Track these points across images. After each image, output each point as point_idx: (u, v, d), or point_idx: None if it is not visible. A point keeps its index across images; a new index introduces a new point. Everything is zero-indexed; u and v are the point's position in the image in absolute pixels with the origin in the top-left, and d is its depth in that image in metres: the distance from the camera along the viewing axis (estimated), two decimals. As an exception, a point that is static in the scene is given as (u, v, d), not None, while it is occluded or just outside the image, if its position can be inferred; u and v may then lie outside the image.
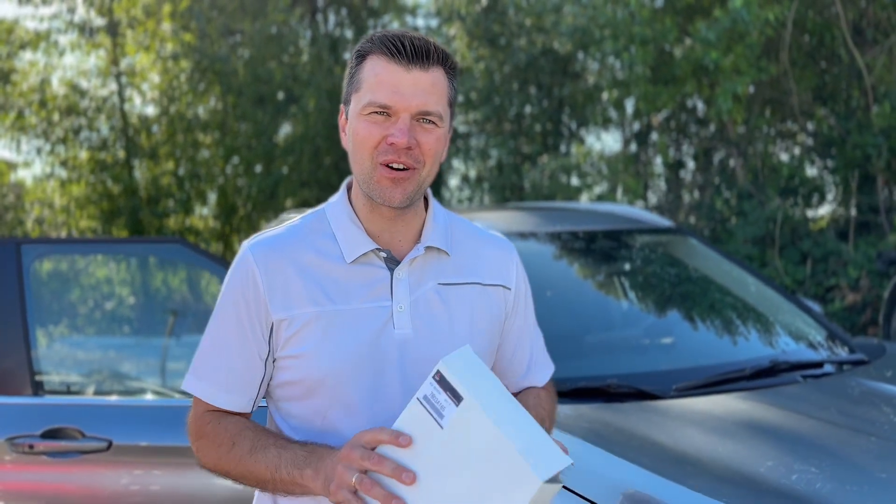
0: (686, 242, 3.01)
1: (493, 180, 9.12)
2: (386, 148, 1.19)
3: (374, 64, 1.21)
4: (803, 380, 2.21)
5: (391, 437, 1.08)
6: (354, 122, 1.22)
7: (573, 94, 8.39)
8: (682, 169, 8.52)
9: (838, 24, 6.30)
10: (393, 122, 1.19)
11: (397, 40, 1.20)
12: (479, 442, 1.04)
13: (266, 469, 1.18)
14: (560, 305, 2.63)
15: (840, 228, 6.99)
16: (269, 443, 1.20)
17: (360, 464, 1.08)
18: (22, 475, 2.22)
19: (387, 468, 1.07)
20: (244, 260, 1.26)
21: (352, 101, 1.24)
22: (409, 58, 1.19)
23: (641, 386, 2.05)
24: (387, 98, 1.19)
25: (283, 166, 9.91)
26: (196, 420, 1.28)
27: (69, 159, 9.69)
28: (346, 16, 12.28)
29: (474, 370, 1.08)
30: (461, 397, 1.04)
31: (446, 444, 1.05)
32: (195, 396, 1.28)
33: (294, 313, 1.22)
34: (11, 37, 9.54)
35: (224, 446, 1.22)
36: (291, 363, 1.23)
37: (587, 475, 1.68)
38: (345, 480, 1.09)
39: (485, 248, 1.34)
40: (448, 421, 1.05)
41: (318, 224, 1.29)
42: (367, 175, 1.22)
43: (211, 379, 1.26)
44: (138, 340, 3.41)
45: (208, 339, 1.28)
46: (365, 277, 1.24)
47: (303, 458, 1.15)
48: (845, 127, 6.53)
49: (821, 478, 1.65)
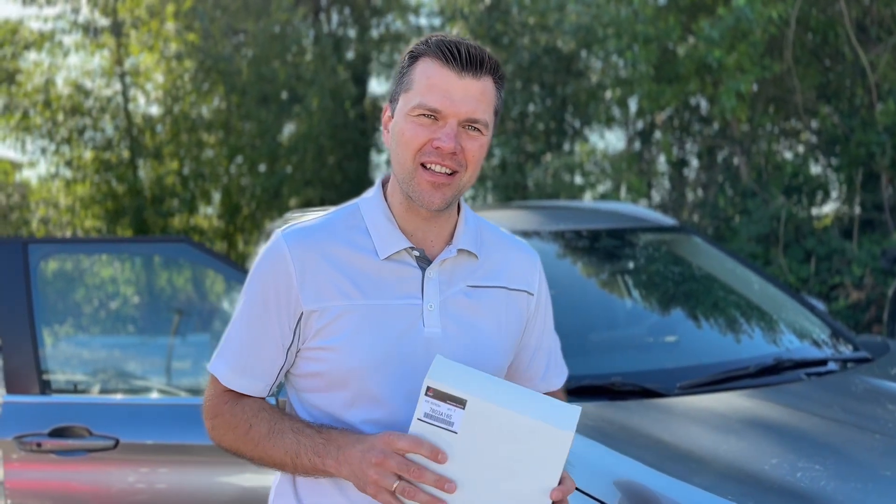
0: (690, 241, 3.01)
1: (496, 179, 9.13)
2: (430, 150, 1.21)
3: (427, 66, 1.22)
4: (807, 378, 2.21)
5: (431, 453, 1.11)
6: (401, 121, 1.24)
7: (576, 92, 8.39)
8: (686, 167, 8.51)
9: (842, 21, 6.29)
10: (440, 126, 1.21)
11: (453, 46, 1.21)
12: (498, 430, 1.10)
13: (285, 454, 1.20)
14: (564, 304, 2.62)
15: (844, 226, 6.98)
16: (285, 427, 1.22)
17: (399, 472, 1.11)
18: (30, 473, 2.24)
19: (429, 479, 1.11)
20: (277, 248, 1.26)
21: (400, 101, 1.25)
22: (462, 64, 1.21)
23: (646, 384, 2.06)
24: (437, 102, 1.20)
25: (287, 165, 9.93)
26: (213, 398, 1.29)
27: (74, 159, 9.71)
28: (349, 15, 12.28)
29: (458, 372, 1.13)
30: (464, 400, 1.09)
31: (466, 445, 1.10)
32: (214, 376, 1.30)
33: (326, 305, 1.23)
34: (16, 37, 9.56)
35: (240, 428, 1.24)
36: (320, 355, 1.25)
37: (592, 472, 1.69)
38: (383, 485, 1.12)
39: (511, 253, 1.38)
40: (460, 426, 1.09)
41: (351, 218, 1.30)
42: (407, 175, 1.23)
43: (231, 361, 1.28)
44: (144, 339, 3.42)
45: (234, 323, 1.30)
46: (397, 274, 1.26)
47: (322, 446, 1.18)
48: (849, 125, 6.52)
49: (825, 475, 1.66)
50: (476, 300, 1.29)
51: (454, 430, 1.09)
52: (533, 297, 1.38)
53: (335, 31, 11.96)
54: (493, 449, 1.11)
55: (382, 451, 1.12)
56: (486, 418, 1.09)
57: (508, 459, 1.11)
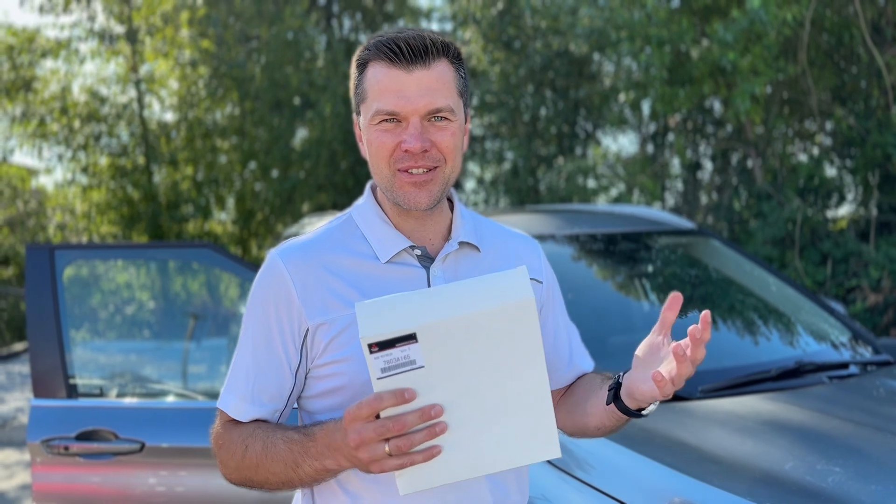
0: (708, 244, 3.01)
1: (508, 183, 9.14)
2: (402, 155, 1.18)
3: (376, 71, 1.19)
4: (829, 381, 2.21)
5: (396, 399, 1.02)
6: (367, 132, 1.21)
7: (589, 95, 8.39)
8: (700, 170, 8.49)
9: (857, 23, 6.26)
10: (404, 127, 1.18)
11: (393, 43, 1.17)
12: (462, 338, 1.02)
13: (284, 466, 1.14)
14: (584, 307, 2.64)
15: (861, 229, 6.94)
16: (277, 438, 1.16)
17: (381, 436, 1.03)
18: (57, 476, 2.27)
19: (412, 420, 1.03)
20: (274, 268, 1.22)
21: (361, 112, 1.23)
22: (408, 59, 1.16)
23: (667, 387, 2.05)
24: (392, 104, 1.16)
25: (300, 171, 9.98)
26: (218, 432, 1.25)
27: (90, 165, 9.81)
28: (361, 20, 12.35)
29: (387, 309, 1.03)
30: (412, 333, 1.01)
31: (438, 371, 1.03)
32: (220, 410, 1.25)
33: (332, 316, 1.19)
34: (33, 45, 9.67)
35: (238, 452, 1.19)
36: (335, 369, 1.19)
37: (616, 475, 1.69)
38: (377, 455, 1.04)
39: (512, 242, 1.34)
40: (423, 358, 1.01)
41: (346, 228, 1.27)
42: (388, 183, 1.21)
43: (238, 392, 1.23)
44: (161, 344, 3.45)
45: (237, 353, 1.25)
46: (401, 276, 1.23)
47: (313, 448, 1.11)
48: (865, 126, 6.49)
49: (849, 478, 1.65)
50: None
51: (419, 364, 1.01)
52: (542, 284, 1.34)
53: (347, 37, 12.02)
54: (467, 359, 1.03)
55: (354, 430, 1.04)
56: (444, 335, 1.01)
57: (487, 361, 1.03)
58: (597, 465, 1.75)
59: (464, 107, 1.23)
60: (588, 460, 1.76)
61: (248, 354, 1.23)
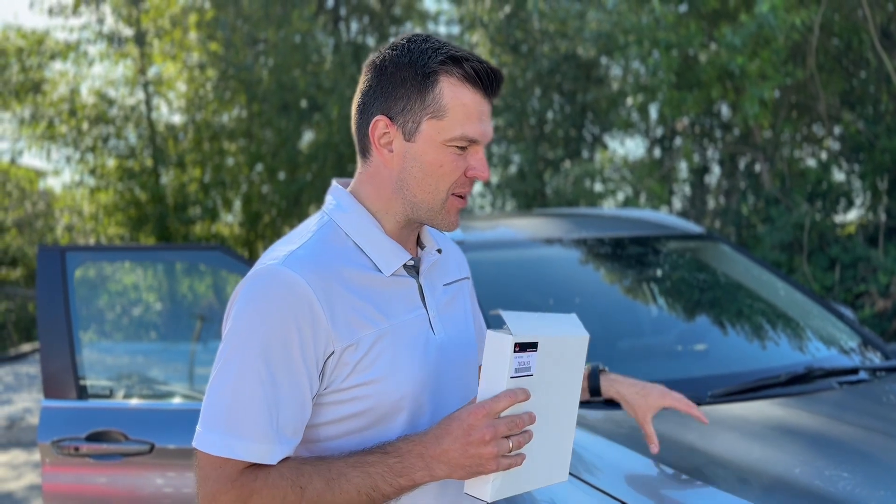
0: (717, 248, 3.00)
1: (515, 186, 9.14)
2: (464, 181, 1.17)
3: (457, 90, 1.13)
4: (839, 386, 2.20)
5: (525, 395, 1.08)
6: (432, 151, 1.15)
7: (596, 99, 8.39)
8: (707, 174, 8.48)
9: (866, 27, 6.24)
10: (471, 153, 1.16)
11: (479, 67, 1.14)
12: (555, 358, 1.16)
13: (359, 494, 1.08)
14: (592, 311, 2.64)
15: (869, 234, 6.91)
16: (342, 468, 1.08)
17: (509, 432, 1.07)
18: (67, 477, 2.28)
19: (526, 420, 1.09)
20: (288, 283, 1.08)
21: (426, 126, 1.14)
22: (491, 88, 1.16)
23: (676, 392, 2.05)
24: (479, 133, 1.15)
25: (307, 173, 10.00)
26: (232, 485, 1.07)
27: (98, 167, 9.85)
28: (368, 23, 12.38)
29: (520, 319, 1.14)
30: (535, 343, 1.12)
31: (539, 383, 1.14)
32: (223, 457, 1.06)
33: (359, 336, 1.12)
34: (42, 47, 9.72)
35: (290, 497, 1.07)
36: (360, 392, 1.13)
37: (624, 479, 1.69)
38: (503, 449, 1.07)
39: (448, 244, 1.38)
40: (534, 368, 1.13)
41: (336, 237, 1.19)
42: (438, 204, 1.17)
43: (258, 435, 1.07)
44: (169, 345, 3.47)
45: (240, 387, 1.07)
46: (400, 288, 1.21)
47: (398, 465, 1.08)
48: (873, 131, 6.47)
49: (857, 483, 1.65)
50: (451, 296, 1.30)
51: (532, 373, 1.12)
52: (469, 279, 1.41)
53: (354, 40, 12.05)
54: (552, 375, 1.16)
55: (488, 425, 1.06)
56: (551, 350, 1.15)
57: (559, 379, 1.17)
58: (605, 468, 1.75)
59: None
60: (596, 464, 1.76)
61: (262, 388, 1.07)
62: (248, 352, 1.07)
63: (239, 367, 1.08)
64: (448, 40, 1.20)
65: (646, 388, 1.60)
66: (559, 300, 2.58)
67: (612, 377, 1.63)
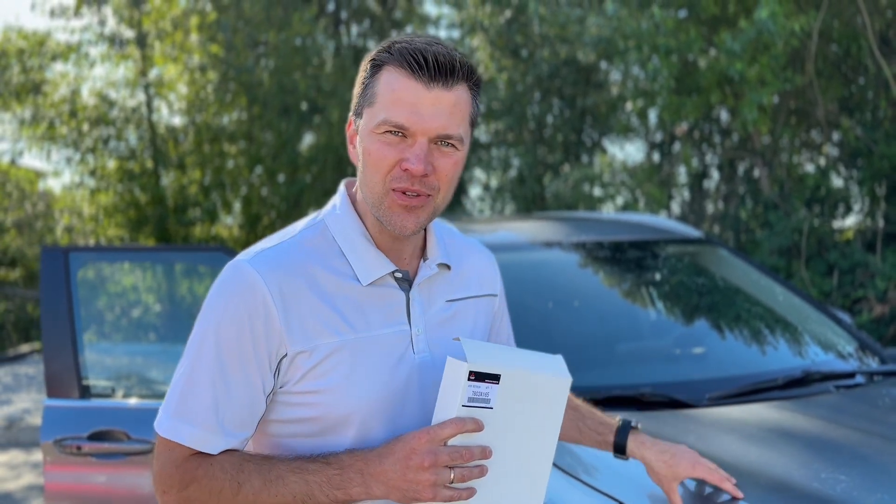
0: (716, 253, 3.02)
1: (514, 190, 9.17)
2: (400, 174, 1.09)
3: (392, 78, 1.09)
4: (835, 390, 2.22)
5: (476, 426, 1.05)
6: (366, 139, 1.12)
7: (596, 104, 8.42)
8: (706, 179, 8.51)
9: (865, 34, 6.27)
10: (409, 144, 1.09)
11: (419, 54, 1.08)
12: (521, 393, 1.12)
13: (293, 499, 1.06)
14: (590, 315, 2.66)
15: (867, 240, 6.94)
16: (282, 471, 1.07)
17: (452, 462, 1.04)
18: (69, 476, 2.29)
19: (476, 454, 1.06)
20: (246, 279, 1.09)
21: (364, 115, 1.13)
22: (431, 75, 1.08)
23: (675, 395, 2.07)
24: (404, 118, 1.08)
25: (307, 175, 10.03)
26: (174, 467, 1.09)
27: (98, 168, 9.86)
28: (369, 27, 12.41)
29: (483, 350, 1.12)
30: (498, 375, 1.08)
31: (499, 417, 1.10)
32: (174, 442, 1.09)
33: (315, 344, 1.10)
34: (43, 48, 9.74)
35: (227, 490, 1.07)
36: (309, 399, 1.11)
37: (621, 480, 1.71)
38: (441, 481, 1.04)
39: (474, 258, 1.32)
40: (495, 401, 1.09)
41: (321, 240, 1.16)
42: (378, 199, 1.12)
43: (202, 423, 1.08)
44: (168, 346, 3.48)
45: (193, 375, 1.10)
46: (381, 300, 1.16)
47: (337, 477, 1.06)
48: (872, 137, 6.50)
49: (854, 486, 1.67)
50: (452, 314, 1.24)
51: (490, 406, 1.08)
52: (496, 297, 1.34)
53: (355, 43, 12.08)
54: (517, 411, 1.12)
55: (429, 451, 1.03)
56: (514, 387, 1.10)
57: (527, 416, 1.13)
58: (603, 469, 1.77)
59: (469, 137, 1.16)
60: (594, 464, 1.78)
61: (213, 380, 1.09)
62: (205, 342, 1.10)
63: (195, 356, 1.11)
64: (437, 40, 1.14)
65: (675, 456, 1.46)
66: (558, 304, 2.59)
67: (641, 438, 1.47)
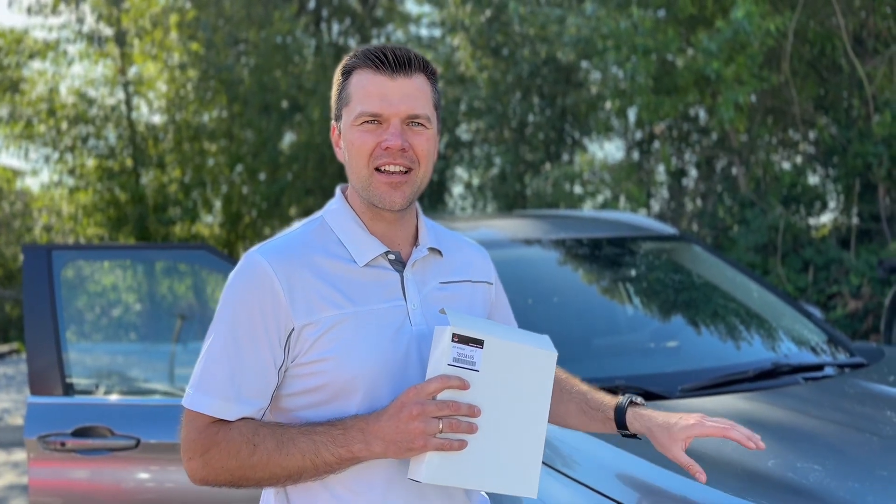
0: (691, 249, 3.08)
1: (496, 188, 9.22)
2: (381, 153, 1.27)
3: (361, 77, 1.29)
4: (804, 382, 2.29)
5: (461, 383, 1.18)
6: (348, 133, 1.30)
7: (576, 103, 8.49)
8: (685, 177, 8.60)
9: (839, 34, 6.39)
10: (385, 128, 1.27)
11: (380, 52, 1.28)
12: (507, 362, 1.24)
13: (303, 457, 1.20)
14: (569, 310, 2.71)
15: (842, 236, 7.06)
16: (293, 433, 1.22)
17: (439, 413, 1.17)
18: (53, 472, 2.30)
19: (463, 409, 1.18)
20: (257, 268, 1.26)
21: (343, 115, 1.32)
22: (392, 67, 1.27)
23: (648, 387, 2.12)
24: (377, 106, 1.27)
25: (288, 174, 10.01)
26: (197, 434, 1.24)
27: (77, 167, 9.78)
28: (350, 25, 12.40)
29: (468, 319, 1.25)
30: (481, 340, 1.22)
31: (484, 380, 1.22)
32: (196, 412, 1.25)
33: (318, 317, 1.25)
34: (21, 46, 9.64)
35: (244, 451, 1.22)
36: (318, 367, 1.26)
37: (599, 470, 1.76)
38: (430, 430, 1.17)
39: (466, 250, 1.48)
40: (480, 364, 1.21)
41: (321, 231, 1.33)
42: (364, 182, 1.29)
43: (220, 393, 1.24)
44: (149, 345, 3.48)
45: (213, 353, 1.26)
46: (377, 279, 1.31)
47: (341, 436, 1.20)
48: (846, 136, 6.61)
49: (824, 474, 1.72)
50: (447, 294, 1.37)
51: (476, 368, 1.20)
52: (492, 286, 1.49)
53: (336, 41, 12.06)
54: (504, 379, 1.24)
55: (417, 403, 1.17)
56: (498, 354, 1.23)
57: (514, 386, 1.25)
58: (581, 460, 1.82)
59: (437, 121, 1.33)
60: (573, 456, 1.82)
61: (232, 355, 1.25)
62: (222, 322, 1.27)
63: (214, 337, 1.27)
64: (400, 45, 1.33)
65: (672, 417, 1.42)
66: (538, 299, 2.64)
67: (640, 411, 1.45)
